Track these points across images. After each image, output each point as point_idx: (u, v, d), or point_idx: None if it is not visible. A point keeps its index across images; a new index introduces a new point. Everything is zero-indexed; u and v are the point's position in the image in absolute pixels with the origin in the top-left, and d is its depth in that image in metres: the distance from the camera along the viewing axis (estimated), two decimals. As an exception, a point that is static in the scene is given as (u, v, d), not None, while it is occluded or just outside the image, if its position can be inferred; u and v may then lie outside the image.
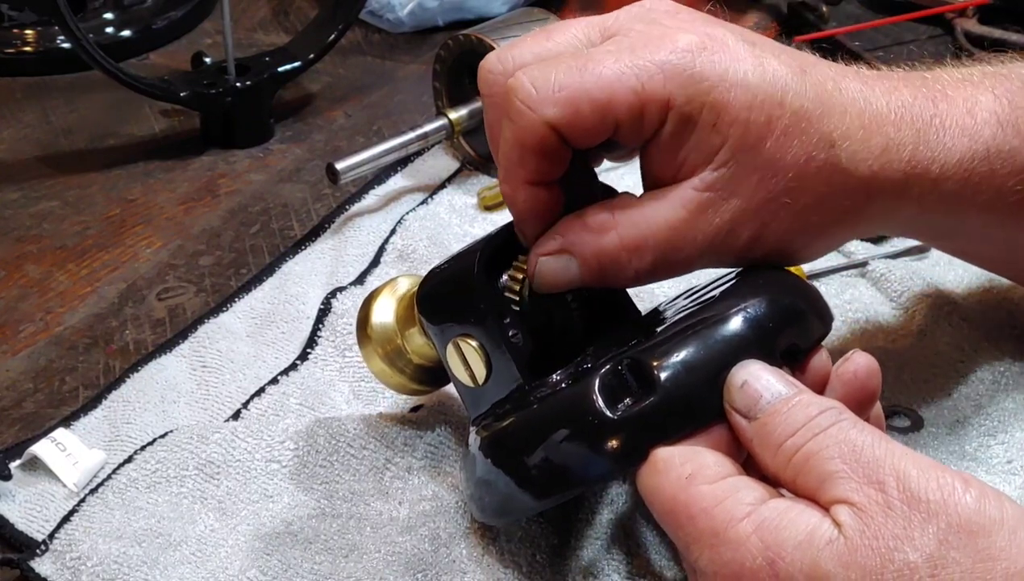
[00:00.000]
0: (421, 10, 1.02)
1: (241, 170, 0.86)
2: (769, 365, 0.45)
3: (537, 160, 0.49)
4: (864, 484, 0.40)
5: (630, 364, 0.46)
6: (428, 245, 0.73)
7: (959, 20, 0.98)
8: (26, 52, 0.99)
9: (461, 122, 0.81)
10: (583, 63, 0.48)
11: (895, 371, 0.62)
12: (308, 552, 0.52)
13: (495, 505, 0.49)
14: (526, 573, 0.51)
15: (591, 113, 0.48)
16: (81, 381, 0.66)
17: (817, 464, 0.42)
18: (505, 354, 0.50)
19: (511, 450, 0.48)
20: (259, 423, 0.59)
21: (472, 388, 0.52)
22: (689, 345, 0.45)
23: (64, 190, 0.83)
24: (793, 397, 0.44)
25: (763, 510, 0.41)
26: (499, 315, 0.50)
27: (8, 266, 0.76)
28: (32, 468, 0.59)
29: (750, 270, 0.51)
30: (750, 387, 0.44)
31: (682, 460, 0.44)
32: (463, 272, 0.51)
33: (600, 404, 0.45)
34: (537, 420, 0.47)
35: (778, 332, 0.46)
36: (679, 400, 0.45)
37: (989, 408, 0.60)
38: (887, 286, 0.68)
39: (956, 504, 0.39)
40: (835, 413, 0.43)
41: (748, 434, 0.44)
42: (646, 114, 0.48)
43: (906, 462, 0.41)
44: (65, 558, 0.53)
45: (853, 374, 0.47)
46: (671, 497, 0.43)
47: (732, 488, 0.42)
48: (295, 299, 0.70)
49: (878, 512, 0.40)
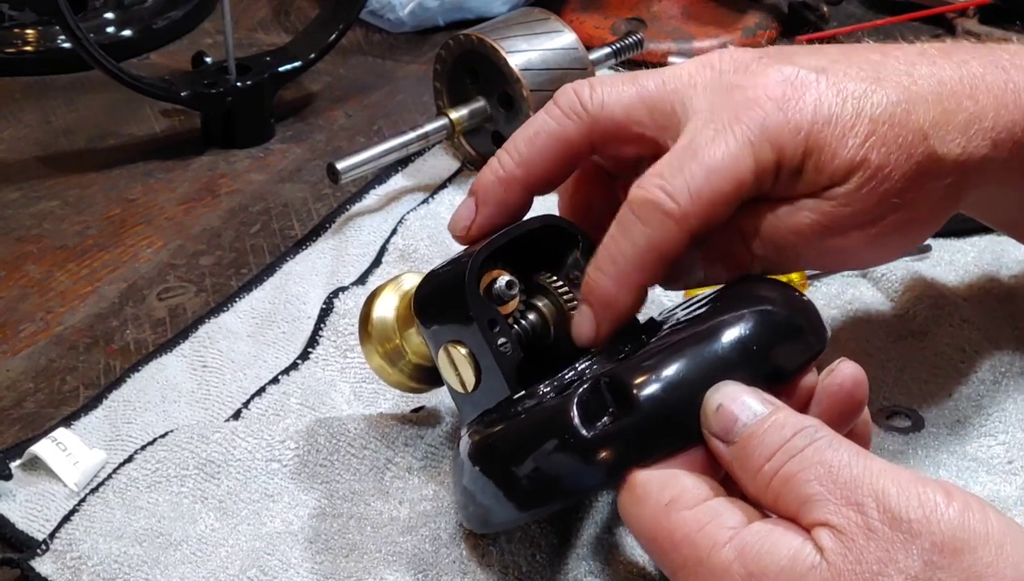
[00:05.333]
0: (422, 10, 1.02)
1: (242, 170, 0.86)
2: (745, 385, 0.44)
3: (666, 266, 0.50)
4: (843, 506, 0.40)
5: (608, 382, 0.45)
6: (429, 245, 0.73)
7: (960, 20, 0.98)
8: (26, 52, 0.99)
9: (462, 122, 0.81)
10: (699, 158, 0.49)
11: (895, 371, 0.62)
12: (308, 552, 0.52)
13: (479, 513, 0.49)
14: (526, 573, 0.51)
15: (724, 207, 0.49)
16: (81, 381, 0.66)
17: (795, 487, 0.41)
18: (493, 363, 0.50)
19: (494, 459, 0.47)
20: (260, 423, 0.59)
21: (463, 394, 0.52)
22: (670, 364, 0.45)
23: (64, 190, 0.83)
24: (768, 418, 0.43)
25: (745, 534, 0.41)
26: (489, 324, 0.50)
27: (8, 266, 0.76)
28: (33, 468, 0.59)
29: (745, 282, 0.50)
30: (725, 410, 0.43)
31: (660, 486, 0.43)
32: (454, 279, 0.51)
33: (577, 421, 0.44)
34: (518, 432, 0.47)
35: (765, 352, 0.46)
36: (656, 421, 0.44)
37: (990, 408, 0.60)
38: (888, 286, 0.68)
39: (939, 521, 0.39)
40: (811, 432, 0.42)
41: (727, 458, 0.43)
42: (762, 181, 0.50)
43: (885, 480, 0.40)
44: (66, 558, 0.53)
45: (839, 386, 0.46)
46: (653, 525, 0.43)
47: (713, 512, 0.42)
48: (296, 299, 0.70)
49: (859, 535, 0.39)
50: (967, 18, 0.98)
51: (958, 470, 0.57)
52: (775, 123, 0.49)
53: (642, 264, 0.49)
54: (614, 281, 0.50)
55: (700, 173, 0.48)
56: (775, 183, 0.50)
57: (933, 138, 0.50)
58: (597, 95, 0.52)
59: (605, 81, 0.53)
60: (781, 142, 0.49)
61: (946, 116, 0.51)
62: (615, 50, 0.89)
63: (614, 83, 0.53)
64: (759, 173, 0.49)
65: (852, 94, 0.50)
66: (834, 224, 0.50)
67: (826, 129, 0.49)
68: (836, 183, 0.50)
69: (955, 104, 0.51)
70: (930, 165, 0.50)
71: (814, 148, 0.49)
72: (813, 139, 0.49)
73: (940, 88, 0.51)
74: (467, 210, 0.54)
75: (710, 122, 0.50)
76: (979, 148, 0.51)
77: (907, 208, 0.51)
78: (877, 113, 0.50)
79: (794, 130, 0.49)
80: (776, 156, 0.49)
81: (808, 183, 0.50)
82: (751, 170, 0.49)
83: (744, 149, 0.49)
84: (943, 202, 0.52)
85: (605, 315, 0.50)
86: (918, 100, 0.51)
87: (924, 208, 0.52)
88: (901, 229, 0.52)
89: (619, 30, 0.97)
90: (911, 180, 0.50)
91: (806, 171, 0.50)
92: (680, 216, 0.48)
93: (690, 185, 0.48)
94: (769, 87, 0.50)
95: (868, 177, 0.50)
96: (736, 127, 0.49)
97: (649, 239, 0.49)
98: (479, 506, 0.48)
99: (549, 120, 0.53)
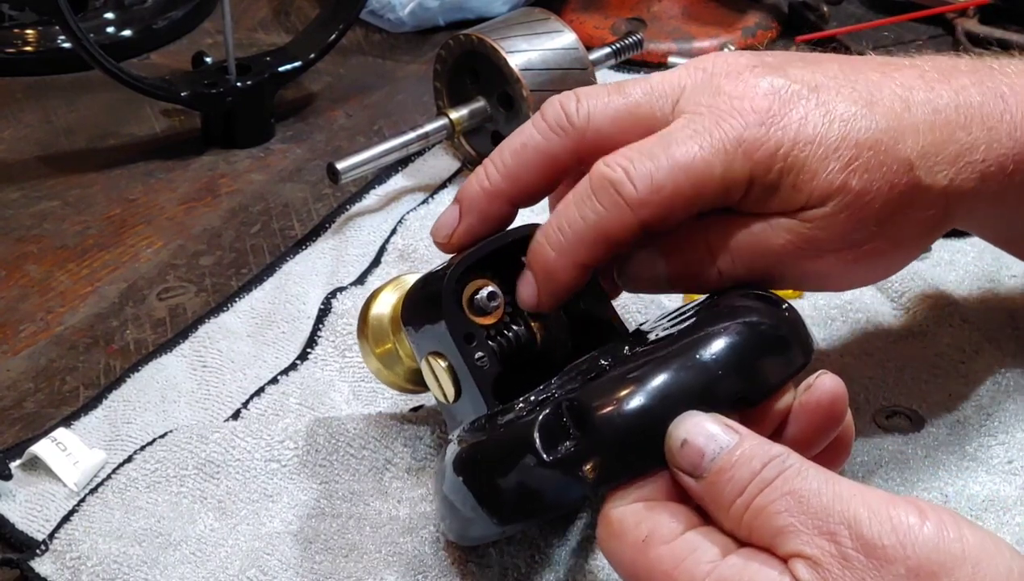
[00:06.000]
0: (422, 10, 1.02)
1: (242, 170, 0.86)
2: (705, 413, 0.43)
3: (610, 250, 0.50)
4: (816, 536, 0.39)
5: (570, 406, 0.44)
6: (429, 245, 0.72)
7: (960, 20, 0.98)
8: (27, 52, 0.99)
9: (462, 122, 0.81)
10: (669, 151, 0.49)
11: (895, 371, 0.62)
12: (308, 552, 0.52)
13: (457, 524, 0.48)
14: (525, 574, 0.51)
15: (683, 207, 0.49)
16: (81, 381, 0.66)
17: (767, 520, 0.41)
18: (470, 377, 0.50)
19: (471, 471, 0.47)
20: (259, 423, 0.59)
21: (446, 404, 0.52)
22: (636, 386, 0.44)
23: (65, 190, 0.83)
24: (735, 450, 0.42)
25: (723, 568, 0.41)
26: (466, 338, 0.50)
27: (9, 266, 0.76)
28: (32, 468, 0.59)
29: (733, 292, 0.50)
30: (691, 446, 0.42)
31: (635, 521, 0.43)
32: (434, 291, 0.51)
33: (539, 444, 0.44)
34: (490, 448, 0.46)
35: (743, 368, 0.45)
36: (617, 446, 0.43)
37: (990, 408, 0.60)
38: (888, 286, 0.68)
39: (913, 544, 0.38)
40: (779, 463, 0.41)
41: (698, 493, 0.43)
42: (730, 192, 0.49)
43: (856, 505, 0.40)
44: (65, 558, 0.53)
45: (816, 403, 0.46)
46: (631, 561, 0.42)
47: (690, 547, 0.41)
48: (295, 299, 0.70)
49: (834, 565, 0.39)
50: (967, 18, 0.98)
51: (958, 470, 0.57)
52: (753, 137, 0.49)
53: (588, 242, 0.49)
54: (557, 253, 0.50)
55: (666, 166, 0.48)
56: (746, 197, 0.50)
57: (919, 168, 0.50)
58: (583, 108, 0.51)
59: (591, 93, 0.52)
60: (756, 157, 0.49)
61: (936, 147, 0.50)
62: (615, 50, 0.89)
63: (600, 94, 0.52)
64: (727, 183, 0.49)
65: (841, 116, 0.50)
66: (809, 246, 0.50)
67: (807, 149, 0.49)
68: (813, 205, 0.49)
69: (947, 135, 0.51)
70: (914, 195, 0.50)
71: (792, 167, 0.49)
72: (793, 158, 0.49)
73: (934, 117, 0.51)
74: (451, 218, 0.53)
75: (691, 122, 0.50)
76: (967, 180, 0.51)
77: (888, 236, 0.50)
78: (863, 138, 0.49)
79: (773, 147, 0.49)
80: (749, 170, 0.49)
81: (784, 201, 0.50)
82: (718, 178, 0.49)
83: (716, 156, 0.48)
84: (926, 230, 0.52)
85: (546, 286, 0.50)
86: (908, 129, 0.50)
87: (906, 236, 0.52)
88: (881, 254, 0.51)
89: (619, 30, 0.97)
90: (893, 208, 0.50)
91: (782, 189, 0.49)
92: (636, 203, 0.48)
93: (654, 175, 0.48)
94: (756, 99, 0.50)
95: (847, 203, 0.49)
96: (715, 132, 0.49)
97: (599, 218, 0.49)
98: (457, 514, 0.47)
99: (535, 134, 0.52)
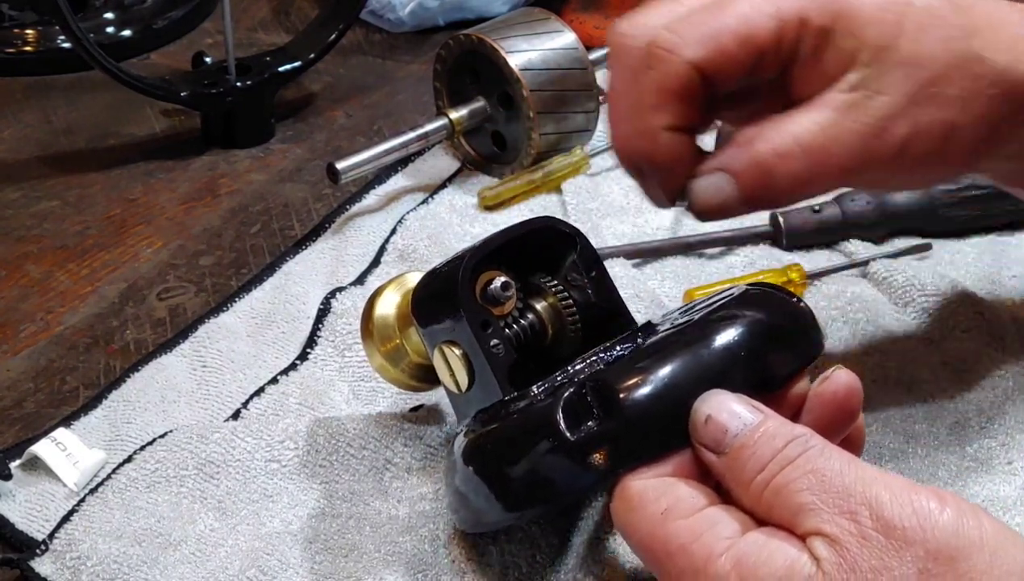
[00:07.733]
0: (422, 10, 1.02)
1: (242, 170, 0.86)
2: (732, 393, 0.44)
3: (680, 105, 0.49)
4: (836, 515, 0.40)
5: (594, 386, 0.45)
6: (429, 245, 0.73)
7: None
8: (26, 52, 0.99)
9: (462, 122, 0.81)
10: (719, 6, 0.49)
11: (895, 371, 0.62)
12: (308, 552, 0.52)
13: (470, 513, 0.49)
14: (526, 574, 0.51)
15: (735, 47, 0.49)
16: (81, 381, 0.66)
17: (788, 497, 0.41)
18: (485, 364, 0.50)
19: (484, 459, 0.47)
20: (259, 423, 0.59)
21: (457, 394, 0.52)
22: (658, 368, 0.44)
23: (65, 190, 0.84)
24: (758, 428, 0.42)
25: (741, 544, 0.41)
26: (482, 325, 0.50)
27: (9, 266, 0.76)
28: (32, 468, 0.59)
29: (742, 286, 0.50)
30: (714, 421, 0.43)
31: (656, 494, 0.43)
32: (449, 280, 0.51)
33: (562, 425, 0.44)
34: (507, 433, 0.47)
35: (757, 357, 0.45)
36: (642, 425, 0.44)
37: (990, 410, 0.60)
38: (888, 286, 0.68)
39: (933, 528, 0.39)
40: (802, 441, 0.42)
41: (719, 469, 0.43)
42: (785, 36, 0.49)
43: (878, 487, 0.40)
44: (65, 558, 0.53)
45: (832, 394, 0.46)
46: (648, 534, 0.42)
47: (709, 522, 0.42)
48: (295, 299, 0.70)
49: (853, 543, 0.39)
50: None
51: (958, 470, 0.57)
52: None
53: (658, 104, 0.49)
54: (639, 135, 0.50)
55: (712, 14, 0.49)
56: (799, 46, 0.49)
57: (977, 41, 0.50)
58: None
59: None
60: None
61: (992, 30, 0.50)
62: (615, 50, 0.89)
63: None
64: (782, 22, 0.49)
65: None
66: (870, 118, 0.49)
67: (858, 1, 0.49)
68: (865, 62, 0.49)
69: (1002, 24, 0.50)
70: (973, 64, 0.49)
71: (849, 11, 0.49)
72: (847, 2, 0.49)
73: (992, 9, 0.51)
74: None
75: None
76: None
77: (947, 105, 0.49)
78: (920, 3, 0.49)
79: None
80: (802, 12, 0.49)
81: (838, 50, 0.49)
82: (771, 16, 0.49)
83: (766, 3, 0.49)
84: (985, 116, 0.50)
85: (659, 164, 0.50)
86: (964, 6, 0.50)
87: (966, 114, 0.50)
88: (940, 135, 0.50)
89: (619, 30, 0.97)
90: (951, 70, 0.49)
91: (837, 34, 0.49)
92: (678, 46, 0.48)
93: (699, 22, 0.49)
94: None
95: (903, 61, 0.49)
96: None
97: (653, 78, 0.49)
98: (470, 505, 0.48)
99: None
